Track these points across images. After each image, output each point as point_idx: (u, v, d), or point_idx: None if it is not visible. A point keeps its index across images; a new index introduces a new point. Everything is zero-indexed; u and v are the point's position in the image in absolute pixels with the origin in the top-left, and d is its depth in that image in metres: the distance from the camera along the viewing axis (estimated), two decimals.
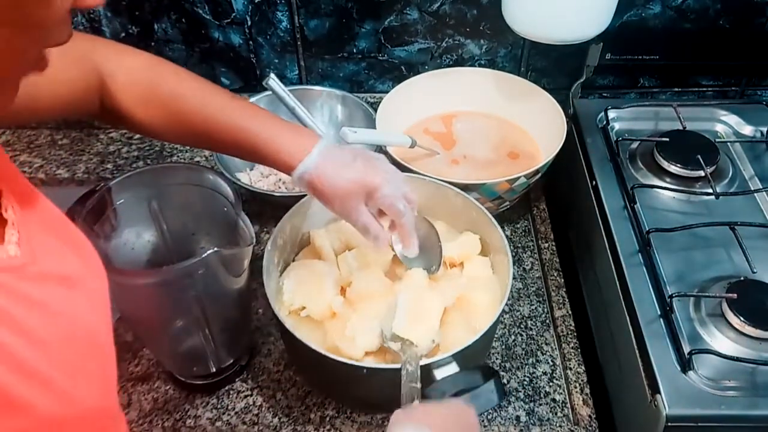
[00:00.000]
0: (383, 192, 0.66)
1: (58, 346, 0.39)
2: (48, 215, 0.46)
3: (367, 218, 0.67)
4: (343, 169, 0.65)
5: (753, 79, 1.09)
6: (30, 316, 0.37)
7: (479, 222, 0.81)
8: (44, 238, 0.43)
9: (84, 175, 1.07)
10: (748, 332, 0.69)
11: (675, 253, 0.79)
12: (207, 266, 0.62)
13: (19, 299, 0.37)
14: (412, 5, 1.02)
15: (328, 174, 0.65)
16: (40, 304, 0.39)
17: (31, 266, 0.40)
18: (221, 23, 1.05)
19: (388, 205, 0.67)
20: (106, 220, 0.69)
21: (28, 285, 0.39)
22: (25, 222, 0.42)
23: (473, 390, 0.61)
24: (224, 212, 0.70)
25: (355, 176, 0.65)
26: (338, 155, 0.66)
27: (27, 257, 0.40)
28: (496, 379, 0.62)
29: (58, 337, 0.39)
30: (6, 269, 0.38)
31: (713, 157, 0.88)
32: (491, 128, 1.06)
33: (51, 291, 0.41)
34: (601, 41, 0.98)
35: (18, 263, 0.39)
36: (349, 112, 1.07)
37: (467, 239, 0.82)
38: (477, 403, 0.61)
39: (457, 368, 0.64)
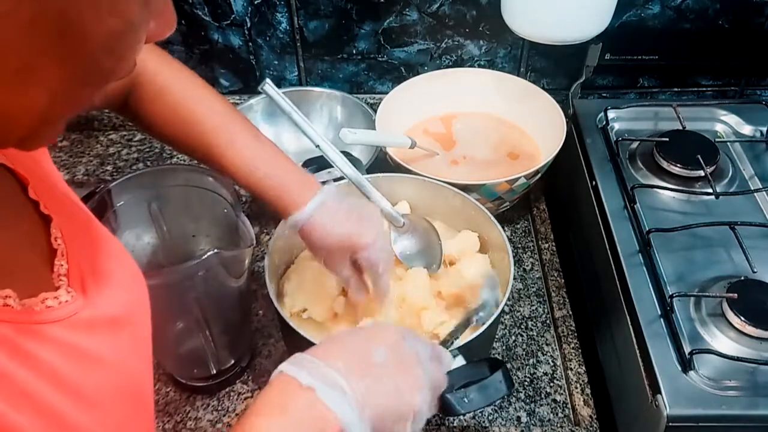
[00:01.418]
0: (367, 254, 0.68)
1: (107, 404, 0.39)
2: (97, 239, 0.46)
3: (348, 272, 0.70)
4: (335, 226, 0.67)
5: (752, 79, 1.09)
6: (79, 372, 0.37)
7: (477, 220, 0.81)
8: (92, 267, 0.43)
9: (84, 177, 1.07)
10: (749, 332, 0.69)
11: (675, 253, 0.78)
12: (207, 268, 0.62)
13: (70, 353, 0.37)
14: (412, 6, 1.02)
15: (318, 229, 0.67)
16: (90, 358, 0.39)
17: (81, 312, 0.39)
18: (221, 25, 1.05)
19: (368, 267, 0.70)
20: (105, 222, 0.69)
21: (79, 336, 0.38)
22: (74, 251, 0.41)
23: (481, 381, 0.62)
24: (224, 214, 0.70)
25: (343, 236, 0.67)
26: (332, 212, 0.67)
27: (77, 301, 0.39)
28: (503, 370, 0.62)
29: (106, 394, 0.39)
30: (59, 320, 0.37)
31: (713, 157, 0.88)
32: (491, 129, 1.06)
33: (100, 340, 0.40)
34: (601, 41, 0.98)
35: (69, 312, 0.38)
36: (348, 113, 1.07)
37: (466, 237, 0.82)
38: (486, 394, 0.61)
39: (463, 361, 0.64)
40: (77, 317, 0.39)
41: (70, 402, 0.35)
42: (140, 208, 0.72)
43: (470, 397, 0.61)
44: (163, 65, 0.66)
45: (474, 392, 0.61)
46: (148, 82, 0.64)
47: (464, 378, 0.63)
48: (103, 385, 0.39)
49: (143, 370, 0.45)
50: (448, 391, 0.61)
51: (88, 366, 0.38)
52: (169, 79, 0.65)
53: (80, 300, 0.39)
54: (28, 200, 0.41)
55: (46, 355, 0.35)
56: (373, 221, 0.70)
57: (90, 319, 0.40)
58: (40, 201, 0.42)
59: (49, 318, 0.37)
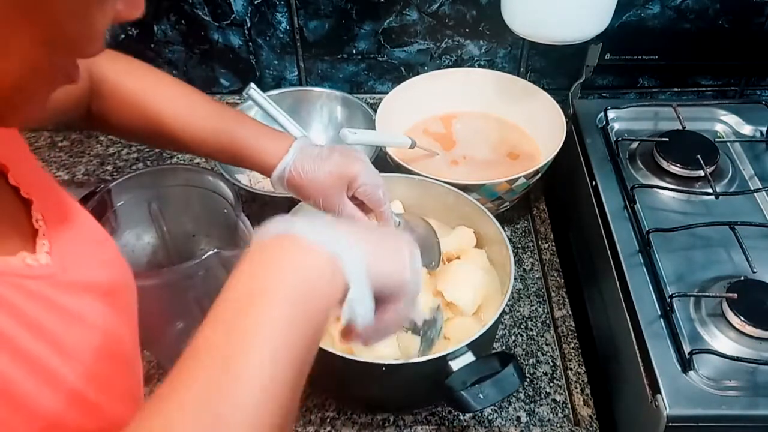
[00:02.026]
0: (362, 180, 0.68)
1: (90, 360, 0.39)
2: (79, 222, 0.46)
3: (351, 209, 0.69)
4: (321, 162, 0.67)
5: (752, 79, 1.09)
6: (63, 327, 0.37)
7: (472, 216, 0.82)
8: (75, 247, 0.43)
9: (84, 177, 1.07)
10: (749, 332, 0.69)
11: (675, 253, 0.78)
12: (207, 268, 0.62)
13: (53, 309, 0.37)
14: (412, 6, 1.02)
15: (306, 169, 0.66)
16: (73, 315, 0.39)
17: (62, 275, 0.39)
18: (221, 24, 1.05)
19: (368, 194, 0.69)
20: (106, 222, 0.69)
21: (61, 294, 0.38)
22: (55, 231, 0.42)
23: (494, 376, 0.62)
24: (224, 214, 0.70)
25: (333, 168, 0.67)
26: (315, 151, 0.68)
27: (58, 266, 0.39)
28: (514, 363, 0.63)
29: (90, 350, 0.39)
30: (39, 277, 0.38)
31: (713, 157, 0.88)
32: (491, 129, 1.06)
33: (82, 301, 0.40)
34: (601, 41, 0.98)
35: (50, 272, 0.39)
36: (348, 113, 1.07)
37: (462, 232, 0.83)
38: (501, 388, 0.62)
39: (473, 357, 0.64)
40: (58, 278, 0.39)
41: (49, 350, 0.36)
42: (140, 208, 0.72)
43: (485, 393, 0.61)
44: (120, 69, 0.67)
45: (488, 387, 0.61)
46: (112, 89, 0.65)
47: (475, 374, 0.63)
48: (83, 341, 0.39)
49: (127, 336, 0.45)
50: (461, 388, 0.62)
51: (68, 321, 0.38)
52: (126, 80, 0.67)
53: (61, 266, 0.40)
54: (9, 186, 0.42)
55: (26, 306, 0.35)
56: (356, 153, 0.70)
57: (71, 282, 0.40)
58: (20, 187, 0.42)
59: (30, 273, 0.37)
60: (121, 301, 0.45)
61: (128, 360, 0.44)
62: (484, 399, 0.61)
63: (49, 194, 0.44)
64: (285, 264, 0.41)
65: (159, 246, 0.75)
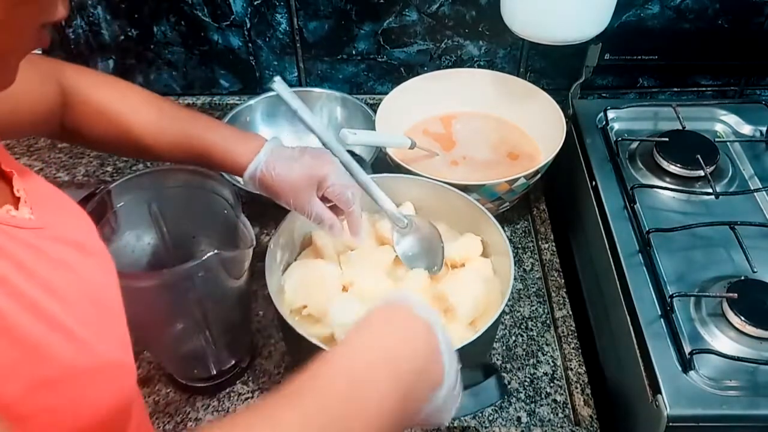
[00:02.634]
0: (332, 181, 0.70)
1: (78, 302, 0.40)
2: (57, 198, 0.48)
3: (320, 209, 0.70)
4: (292, 163, 0.69)
5: (752, 79, 1.09)
6: (52, 272, 0.39)
7: (481, 224, 0.81)
8: (54, 215, 0.45)
9: (84, 177, 1.07)
10: (749, 332, 0.69)
11: (675, 253, 0.79)
12: (207, 269, 0.62)
13: (41, 256, 0.39)
14: (411, 7, 1.02)
15: (278, 170, 0.68)
16: (59, 263, 0.41)
17: (47, 230, 0.41)
18: (220, 25, 1.05)
19: (337, 194, 0.71)
20: (106, 223, 0.69)
21: (48, 244, 0.40)
22: (36, 201, 0.44)
23: (474, 387, 0.61)
24: (224, 214, 0.70)
25: (304, 168, 0.69)
26: (286, 152, 0.70)
27: (41, 222, 0.42)
28: (497, 376, 0.62)
29: (77, 294, 0.40)
30: (28, 228, 0.40)
31: (713, 157, 0.88)
32: (491, 129, 1.06)
33: (67, 252, 0.42)
34: (600, 42, 0.98)
35: (35, 225, 0.41)
36: (348, 113, 1.07)
37: (469, 240, 0.81)
38: (477, 400, 0.61)
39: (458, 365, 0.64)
40: (44, 231, 0.41)
41: (40, 290, 0.37)
42: (140, 209, 0.72)
43: (462, 403, 0.61)
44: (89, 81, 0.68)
45: (465, 397, 0.60)
46: (82, 102, 0.67)
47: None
48: (71, 285, 0.40)
49: (112, 287, 0.46)
50: None
51: (56, 267, 0.40)
52: (95, 92, 0.68)
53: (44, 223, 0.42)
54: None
55: (16, 251, 0.37)
56: (327, 155, 0.72)
57: (56, 236, 0.42)
58: (1, 161, 0.44)
59: (16, 224, 0.39)
60: (100, 256, 0.47)
61: (113, 308, 0.46)
62: (459, 408, 0.61)
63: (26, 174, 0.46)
64: (406, 347, 0.47)
65: (159, 247, 0.75)
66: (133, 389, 0.45)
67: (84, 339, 0.39)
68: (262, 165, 0.68)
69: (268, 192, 0.70)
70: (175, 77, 1.12)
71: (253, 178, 0.69)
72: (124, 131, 0.68)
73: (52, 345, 0.37)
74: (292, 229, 0.81)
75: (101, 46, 1.08)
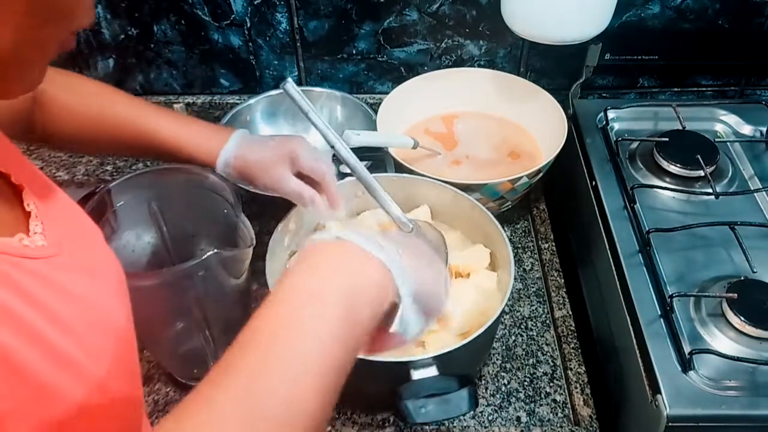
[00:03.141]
0: (304, 155, 0.71)
1: (89, 336, 0.39)
2: (67, 210, 0.48)
3: (296, 184, 0.71)
4: (262, 145, 0.72)
5: (752, 79, 1.09)
6: (62, 304, 0.38)
7: (493, 237, 0.80)
8: (65, 231, 0.44)
9: (84, 177, 1.07)
10: (749, 332, 0.69)
11: (675, 253, 0.78)
12: (207, 268, 0.62)
13: (52, 287, 0.38)
14: (412, 6, 1.02)
15: (249, 153, 0.70)
16: (70, 294, 0.39)
17: (58, 257, 0.40)
18: (221, 25, 1.05)
19: (311, 166, 0.71)
20: (105, 222, 0.69)
21: (59, 274, 0.39)
22: (47, 216, 0.43)
23: (444, 395, 0.61)
24: (224, 214, 0.70)
25: (274, 147, 0.71)
26: (255, 138, 0.73)
27: (53, 248, 0.40)
28: (470, 388, 0.62)
29: (88, 327, 0.39)
30: (36, 257, 0.38)
31: (713, 157, 0.88)
32: (492, 128, 1.06)
33: (79, 281, 0.41)
34: (601, 41, 0.98)
35: (47, 253, 0.40)
36: (348, 113, 1.07)
37: (477, 251, 0.81)
38: (445, 408, 0.61)
39: (436, 372, 0.63)
40: (54, 260, 0.40)
41: (49, 324, 0.36)
42: (140, 208, 0.72)
43: (428, 408, 0.61)
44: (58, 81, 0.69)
45: (433, 404, 0.61)
46: (51, 100, 0.68)
47: (431, 389, 0.62)
48: (82, 316, 0.39)
49: (123, 315, 0.46)
50: (412, 397, 0.61)
51: (66, 299, 0.39)
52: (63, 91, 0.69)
53: (56, 247, 0.41)
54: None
55: (25, 282, 0.36)
56: (297, 136, 0.74)
57: (67, 264, 0.41)
58: (10, 174, 0.43)
59: (27, 254, 0.38)
60: (112, 281, 0.46)
61: (125, 338, 0.45)
62: (423, 414, 0.61)
63: (36, 180, 0.46)
64: (341, 267, 0.44)
65: (159, 246, 0.75)
66: (141, 420, 0.45)
67: (95, 375, 0.38)
68: (233, 151, 0.70)
69: (243, 177, 0.72)
70: (175, 76, 1.12)
71: (227, 165, 0.71)
72: (93, 128, 0.70)
73: (62, 384, 0.35)
74: (306, 214, 0.80)
75: (101, 45, 1.08)
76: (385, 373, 0.65)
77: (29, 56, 0.37)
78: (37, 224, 0.41)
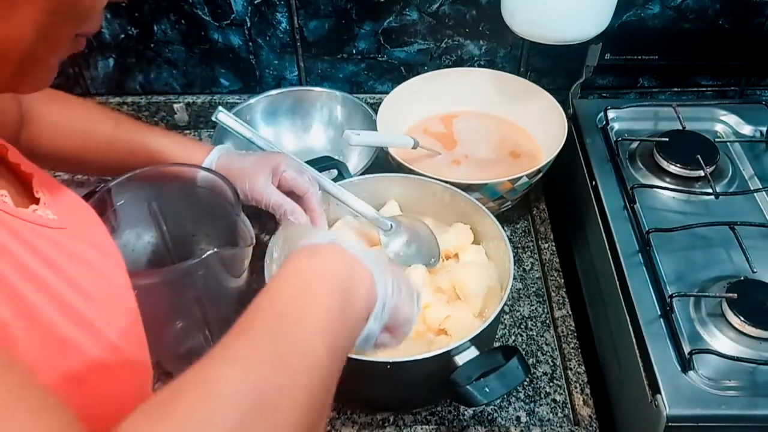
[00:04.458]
0: (285, 166, 0.71)
1: (102, 300, 0.41)
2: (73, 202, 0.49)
3: (277, 196, 0.71)
4: (245, 156, 0.73)
5: (752, 79, 1.09)
6: (77, 270, 0.40)
7: (469, 212, 0.83)
8: (73, 216, 0.46)
9: (84, 176, 1.06)
10: (749, 332, 0.69)
11: (675, 253, 0.78)
12: (207, 267, 0.62)
13: (67, 254, 0.40)
14: (412, 6, 1.02)
15: (231, 162, 0.72)
16: (83, 261, 0.42)
17: (70, 230, 0.43)
18: (221, 24, 1.05)
19: (292, 179, 0.72)
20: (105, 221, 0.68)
21: (72, 243, 0.42)
22: (54, 203, 0.45)
23: (499, 369, 0.62)
24: (224, 213, 0.70)
25: (257, 158, 0.73)
26: (236, 152, 0.75)
27: (64, 223, 0.43)
28: (518, 356, 0.63)
29: (100, 292, 0.41)
30: (55, 227, 0.41)
31: (713, 157, 0.88)
32: (492, 128, 1.06)
33: (90, 252, 0.43)
34: (601, 41, 0.98)
35: (60, 224, 0.42)
36: (348, 113, 1.07)
37: (459, 229, 0.83)
38: (504, 381, 0.62)
39: (477, 352, 0.65)
40: (66, 231, 0.42)
41: (68, 287, 0.38)
42: (140, 207, 0.72)
43: (491, 386, 0.62)
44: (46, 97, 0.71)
45: (493, 381, 0.62)
46: (39, 118, 0.69)
47: (480, 368, 0.63)
48: (95, 283, 0.41)
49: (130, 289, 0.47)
50: (467, 382, 0.62)
51: (81, 265, 0.41)
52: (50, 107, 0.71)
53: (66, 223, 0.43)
54: (9, 162, 0.46)
55: (42, 246, 0.38)
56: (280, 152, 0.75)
57: (78, 236, 0.43)
58: (20, 163, 0.46)
59: (43, 222, 0.40)
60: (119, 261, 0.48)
61: (133, 308, 0.46)
62: (490, 392, 0.62)
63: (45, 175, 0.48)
64: (336, 266, 0.45)
65: (159, 245, 0.75)
66: (150, 382, 0.46)
67: (108, 337, 0.40)
68: (216, 160, 0.72)
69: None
70: (175, 76, 1.12)
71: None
72: (80, 146, 0.72)
73: (79, 341, 0.37)
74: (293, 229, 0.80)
75: (101, 45, 1.08)
76: (430, 368, 0.66)
77: (45, 54, 0.38)
78: (47, 211, 0.43)
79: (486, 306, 0.77)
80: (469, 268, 0.77)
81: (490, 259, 0.81)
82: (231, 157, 0.74)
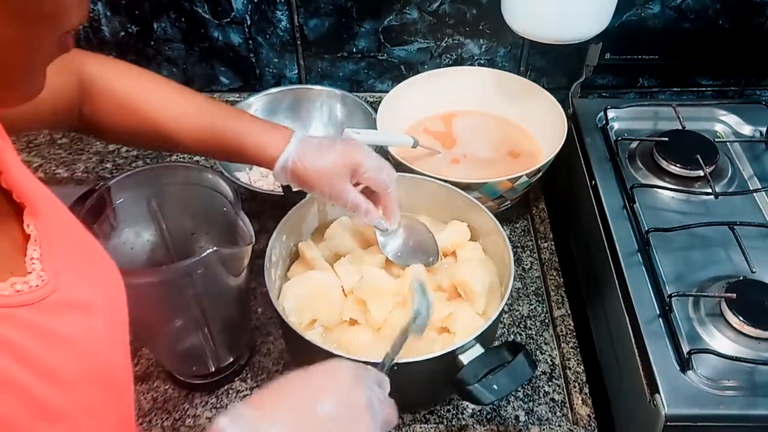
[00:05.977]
0: (367, 166, 0.68)
1: (79, 385, 0.39)
2: (68, 229, 0.46)
3: (356, 196, 0.69)
4: (324, 151, 0.68)
5: (752, 79, 1.09)
6: (50, 353, 0.37)
7: (464, 209, 0.83)
8: (66, 257, 0.42)
9: (83, 174, 1.06)
10: (747, 332, 0.69)
11: (674, 252, 0.79)
12: (206, 265, 0.62)
13: (40, 335, 0.37)
14: (412, 5, 1.02)
15: (310, 159, 0.67)
16: (61, 339, 0.38)
17: (52, 296, 0.39)
18: (221, 22, 1.05)
19: (374, 179, 0.70)
20: (105, 220, 0.69)
21: (50, 319, 0.38)
22: (46, 238, 0.41)
23: (506, 366, 0.62)
24: (223, 212, 0.70)
25: (337, 156, 0.68)
26: (316, 141, 0.69)
27: (49, 285, 0.39)
28: (524, 352, 0.63)
29: (78, 376, 0.39)
30: (28, 303, 0.37)
31: (712, 157, 0.88)
32: (491, 127, 1.06)
33: (72, 323, 0.40)
34: (601, 41, 0.98)
35: (40, 295, 0.38)
36: (348, 111, 1.07)
37: (455, 227, 0.83)
38: (512, 377, 0.62)
39: (482, 349, 0.64)
40: (47, 301, 0.38)
41: (41, 382, 0.35)
42: (140, 205, 0.72)
43: (499, 383, 0.62)
44: (110, 71, 0.67)
45: (501, 378, 0.61)
46: (104, 92, 0.65)
47: (486, 366, 0.63)
48: (74, 366, 0.39)
49: (118, 359, 0.45)
50: (474, 381, 0.62)
51: (58, 347, 0.38)
52: (117, 82, 0.66)
53: (52, 283, 0.39)
54: (1, 189, 0.42)
55: (16, 338, 0.35)
56: (358, 143, 0.71)
57: (61, 302, 0.39)
58: (12, 190, 0.42)
59: (18, 302, 0.37)
60: (114, 319, 0.45)
61: (117, 383, 0.44)
62: (498, 390, 0.61)
63: (38, 198, 0.44)
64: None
65: (158, 244, 0.75)
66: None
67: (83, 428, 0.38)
68: (293, 156, 0.67)
69: (299, 183, 0.69)
70: (175, 74, 1.12)
71: (285, 169, 0.68)
72: (151, 123, 0.67)
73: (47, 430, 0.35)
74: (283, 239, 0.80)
75: (101, 42, 1.08)
76: (435, 368, 0.65)
77: (19, 60, 0.36)
78: (35, 249, 0.40)
79: (487, 303, 0.76)
80: (470, 266, 0.77)
81: (488, 254, 0.81)
82: (308, 152, 0.67)
